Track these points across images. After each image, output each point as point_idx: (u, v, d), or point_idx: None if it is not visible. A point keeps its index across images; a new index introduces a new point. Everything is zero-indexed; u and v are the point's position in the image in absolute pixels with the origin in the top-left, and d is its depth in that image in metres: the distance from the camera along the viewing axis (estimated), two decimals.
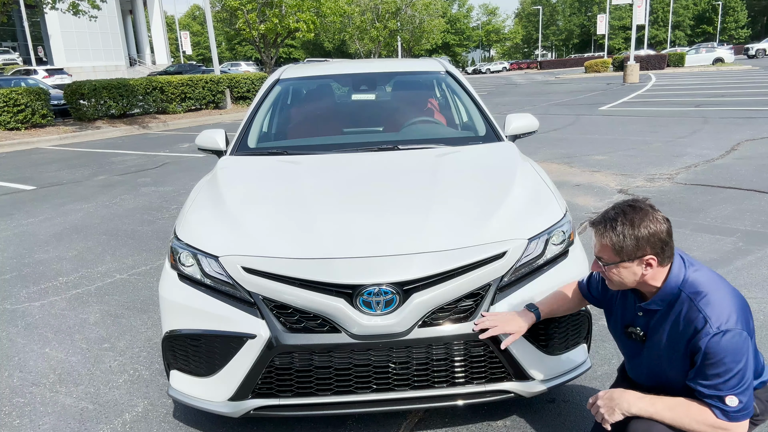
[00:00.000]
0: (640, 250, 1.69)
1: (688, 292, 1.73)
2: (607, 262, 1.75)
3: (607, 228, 1.72)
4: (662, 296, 1.77)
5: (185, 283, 2.34)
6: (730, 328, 1.64)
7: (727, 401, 1.64)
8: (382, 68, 4.53)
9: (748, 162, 7.77)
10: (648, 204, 1.74)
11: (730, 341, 1.63)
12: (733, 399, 1.64)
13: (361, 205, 2.52)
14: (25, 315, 4.00)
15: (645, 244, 1.69)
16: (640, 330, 1.87)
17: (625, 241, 1.69)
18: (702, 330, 1.66)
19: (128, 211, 6.83)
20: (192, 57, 62.64)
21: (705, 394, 1.68)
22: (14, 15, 37.87)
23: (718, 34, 74.82)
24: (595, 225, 1.77)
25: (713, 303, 1.69)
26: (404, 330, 2.11)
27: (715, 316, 1.66)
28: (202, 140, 3.61)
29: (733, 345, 1.63)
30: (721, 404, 1.65)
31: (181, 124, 17.73)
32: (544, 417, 2.58)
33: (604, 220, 1.75)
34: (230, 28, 28.63)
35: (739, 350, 1.64)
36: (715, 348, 1.64)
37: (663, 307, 1.78)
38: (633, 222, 1.69)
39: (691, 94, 18.90)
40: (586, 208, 5.93)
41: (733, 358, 1.63)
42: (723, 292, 1.72)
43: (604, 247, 1.73)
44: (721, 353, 1.63)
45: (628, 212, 1.71)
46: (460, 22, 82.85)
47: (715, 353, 1.64)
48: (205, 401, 2.30)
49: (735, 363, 1.63)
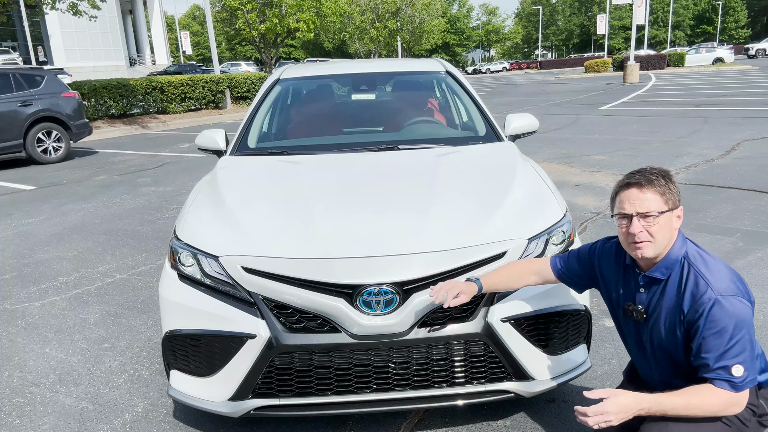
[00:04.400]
0: (678, 199, 1.75)
1: (691, 260, 1.74)
2: (658, 213, 1.72)
3: (652, 180, 1.74)
4: (667, 263, 1.77)
5: (185, 283, 2.35)
6: (733, 293, 1.64)
7: (734, 371, 1.62)
8: (382, 68, 4.53)
9: (748, 162, 7.77)
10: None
11: (732, 306, 1.62)
12: (739, 368, 1.63)
13: (361, 205, 2.51)
14: (25, 315, 4.00)
15: (678, 196, 1.75)
16: (641, 307, 1.86)
17: (669, 189, 1.73)
18: (704, 295, 1.66)
19: (128, 211, 6.83)
20: (192, 57, 62.67)
21: (711, 367, 1.65)
22: (14, 15, 37.84)
23: (718, 34, 74.81)
24: (638, 181, 1.75)
25: (715, 271, 1.70)
26: (404, 330, 2.11)
27: (716, 282, 1.66)
28: (202, 140, 3.62)
29: (736, 310, 1.62)
30: (728, 375, 1.63)
31: (181, 124, 17.72)
32: (544, 417, 2.57)
33: (644, 175, 1.75)
34: (230, 28, 28.61)
35: (742, 317, 1.62)
36: (718, 314, 1.63)
37: (665, 277, 1.78)
38: (665, 174, 1.75)
39: (691, 94, 18.90)
40: (586, 208, 5.93)
41: (736, 324, 1.61)
42: (724, 266, 1.74)
43: (654, 198, 1.73)
44: (724, 319, 1.62)
45: (654, 169, 1.77)
46: (460, 22, 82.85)
47: (718, 319, 1.63)
48: (205, 401, 2.30)
49: (738, 330, 1.61)
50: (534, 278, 2.16)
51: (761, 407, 1.78)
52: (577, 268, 2.10)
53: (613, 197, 1.83)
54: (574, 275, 2.11)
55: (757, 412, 1.77)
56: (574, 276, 2.11)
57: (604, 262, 2.01)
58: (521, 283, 2.16)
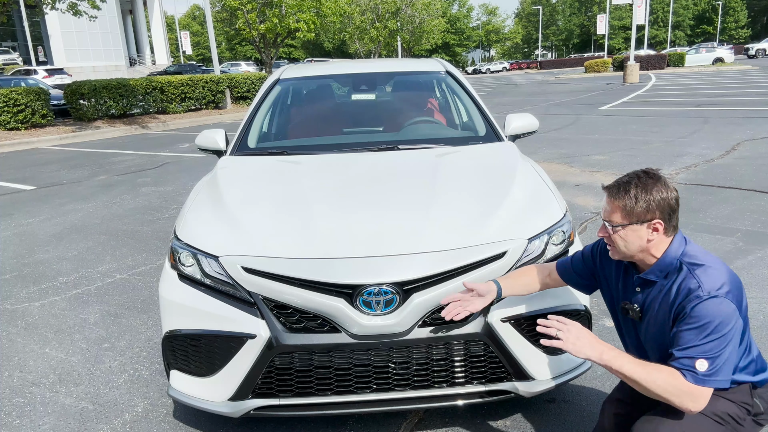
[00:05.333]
0: (649, 213, 1.73)
1: (687, 262, 1.74)
2: (616, 225, 1.77)
3: (620, 190, 1.76)
4: (661, 266, 1.78)
5: (185, 283, 2.34)
6: (720, 295, 1.64)
7: (697, 364, 1.62)
8: (382, 68, 4.53)
9: (748, 162, 7.77)
10: (659, 173, 1.79)
11: (717, 306, 1.62)
12: (703, 363, 1.62)
13: (361, 205, 2.51)
14: (25, 315, 4.00)
15: (655, 208, 1.72)
16: (636, 306, 1.87)
17: (637, 203, 1.73)
18: (693, 293, 1.66)
19: (128, 211, 6.83)
20: (192, 57, 62.66)
21: (676, 356, 1.65)
22: (14, 15, 37.87)
23: (718, 34, 74.84)
24: (609, 188, 1.81)
25: (709, 273, 1.69)
26: (404, 330, 2.11)
27: (708, 283, 1.66)
28: (202, 140, 3.62)
29: (721, 311, 1.62)
30: (690, 366, 1.62)
31: (181, 124, 17.73)
32: (544, 417, 2.58)
33: (618, 184, 1.79)
34: (230, 28, 28.64)
35: (725, 318, 1.62)
36: (702, 311, 1.63)
37: (660, 279, 1.78)
38: (646, 186, 1.74)
39: (691, 94, 18.91)
40: (586, 208, 5.93)
41: (718, 325, 1.61)
42: (722, 268, 1.72)
43: (615, 209, 1.77)
44: (707, 317, 1.62)
45: (642, 177, 1.76)
46: (460, 22, 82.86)
47: (701, 316, 1.63)
48: (205, 401, 2.30)
49: (718, 330, 1.61)
50: (548, 281, 2.18)
51: (756, 406, 1.78)
52: (581, 268, 2.11)
53: None
54: (580, 276, 2.12)
55: (752, 411, 1.77)
56: (579, 277, 2.12)
57: (605, 260, 2.02)
58: (538, 286, 2.18)
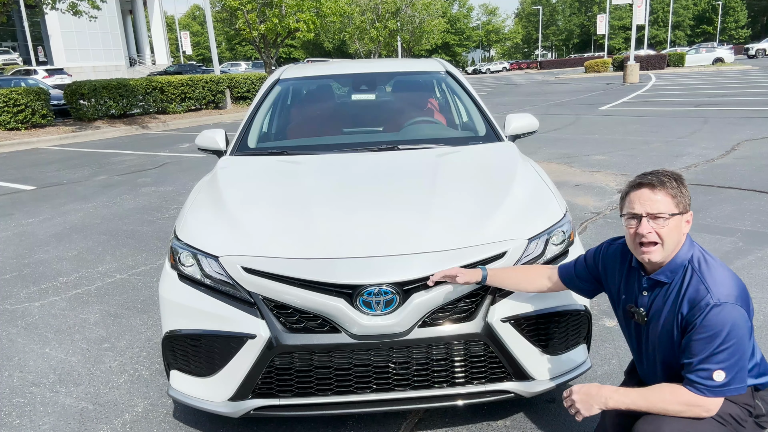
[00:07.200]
0: (688, 203, 1.74)
1: (695, 264, 1.74)
2: (670, 215, 1.71)
3: (662, 182, 1.73)
4: (672, 266, 1.77)
5: (185, 283, 2.34)
6: (732, 301, 1.63)
7: (715, 375, 1.62)
8: (382, 68, 4.53)
9: (748, 162, 7.77)
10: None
11: (728, 313, 1.62)
12: (720, 374, 1.62)
13: (361, 205, 2.51)
14: (25, 315, 4.00)
15: (689, 199, 1.74)
16: (642, 310, 1.86)
17: (680, 192, 1.73)
18: (703, 300, 1.66)
19: (128, 211, 6.83)
20: (192, 57, 62.62)
21: (693, 368, 1.65)
22: (14, 15, 37.86)
23: (718, 34, 74.81)
24: (648, 182, 1.74)
25: (717, 277, 1.69)
26: (404, 330, 2.11)
27: (717, 289, 1.66)
28: (202, 140, 3.62)
29: (732, 318, 1.62)
30: (707, 378, 1.63)
31: (181, 124, 17.73)
32: (544, 417, 2.58)
33: (655, 175, 1.75)
34: (230, 28, 28.61)
35: (737, 325, 1.62)
36: (713, 319, 1.62)
37: (669, 280, 1.78)
38: (677, 178, 1.75)
39: (691, 94, 18.90)
40: (586, 208, 5.93)
41: (729, 332, 1.61)
42: (728, 273, 1.73)
43: (663, 200, 1.72)
44: (718, 325, 1.62)
45: (667, 172, 1.76)
46: (460, 22, 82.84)
47: (712, 324, 1.62)
48: (205, 401, 2.30)
49: (730, 337, 1.61)
50: (546, 283, 2.17)
51: (758, 408, 1.78)
52: (584, 272, 2.10)
53: (623, 197, 1.82)
54: (583, 281, 2.11)
55: (753, 412, 1.77)
56: (583, 282, 2.12)
57: (609, 263, 2.02)
58: (532, 286, 2.17)
